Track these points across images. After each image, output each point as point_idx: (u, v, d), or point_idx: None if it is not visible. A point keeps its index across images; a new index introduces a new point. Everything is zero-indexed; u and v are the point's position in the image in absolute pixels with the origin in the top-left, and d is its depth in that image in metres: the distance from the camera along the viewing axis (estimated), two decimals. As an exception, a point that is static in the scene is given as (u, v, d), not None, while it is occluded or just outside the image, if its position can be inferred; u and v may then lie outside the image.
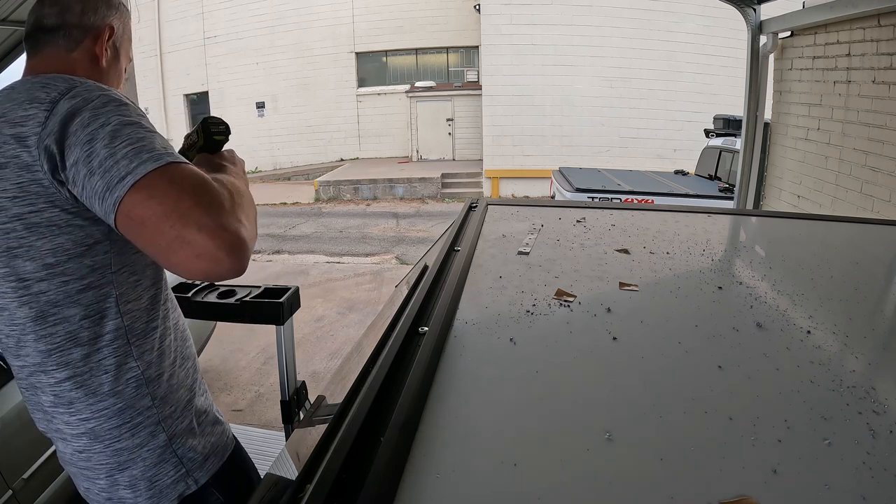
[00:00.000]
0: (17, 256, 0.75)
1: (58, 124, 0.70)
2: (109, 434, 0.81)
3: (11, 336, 0.80)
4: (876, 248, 1.28)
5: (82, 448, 0.83)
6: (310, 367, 4.01)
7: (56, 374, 0.79)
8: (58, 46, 0.84)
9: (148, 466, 0.83)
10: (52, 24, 0.84)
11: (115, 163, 0.67)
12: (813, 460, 0.53)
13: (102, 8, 0.88)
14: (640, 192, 6.26)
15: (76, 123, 0.70)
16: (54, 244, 0.74)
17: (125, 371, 0.81)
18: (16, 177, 0.72)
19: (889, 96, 2.73)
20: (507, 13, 11.75)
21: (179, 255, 0.66)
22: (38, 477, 1.95)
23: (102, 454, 0.82)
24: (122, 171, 0.67)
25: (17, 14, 2.23)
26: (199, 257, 0.65)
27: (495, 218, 1.44)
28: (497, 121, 12.19)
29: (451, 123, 14.33)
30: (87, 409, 0.80)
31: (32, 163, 0.71)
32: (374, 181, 12.56)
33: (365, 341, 1.08)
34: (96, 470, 0.83)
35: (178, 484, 0.86)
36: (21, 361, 0.81)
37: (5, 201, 0.73)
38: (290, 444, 0.97)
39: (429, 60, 15.23)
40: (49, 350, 0.78)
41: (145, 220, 0.66)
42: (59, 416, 0.82)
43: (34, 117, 0.71)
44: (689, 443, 0.56)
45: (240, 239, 0.68)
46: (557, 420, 0.60)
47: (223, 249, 0.66)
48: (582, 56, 11.64)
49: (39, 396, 0.83)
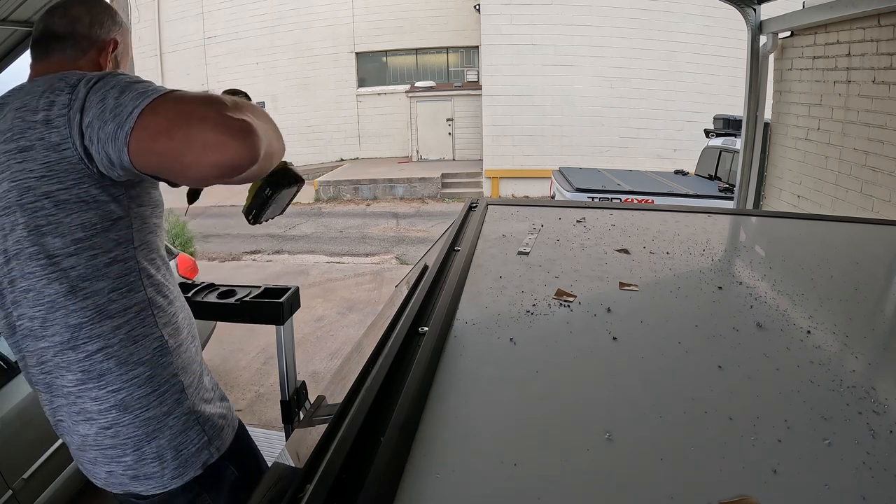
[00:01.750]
0: (46, 234, 0.78)
1: (80, 101, 0.75)
2: (139, 403, 0.85)
3: (36, 317, 0.82)
4: (876, 248, 1.28)
5: (110, 423, 0.85)
6: (310, 367, 4.01)
7: (87, 346, 0.82)
8: (65, 54, 0.90)
9: (174, 434, 0.88)
10: (63, 32, 0.90)
11: (123, 106, 0.72)
12: (813, 460, 0.53)
13: (108, 23, 0.94)
14: (640, 192, 6.25)
15: (92, 95, 0.75)
16: (83, 219, 0.79)
17: (152, 340, 0.86)
18: (42, 157, 0.76)
19: (889, 96, 2.73)
20: (507, 13, 11.74)
21: (190, 155, 0.69)
22: (38, 477, 1.95)
23: (131, 425, 0.85)
24: (129, 107, 0.71)
25: (17, 14, 2.23)
26: (206, 148, 0.68)
27: (495, 218, 1.44)
28: (497, 121, 12.19)
29: (451, 123, 14.32)
30: (118, 379, 0.84)
31: (61, 142, 0.76)
32: (374, 181, 12.56)
33: (365, 341, 1.08)
34: (123, 446, 0.86)
35: (201, 452, 0.90)
36: (45, 342, 0.83)
37: (33, 181, 0.77)
38: (290, 444, 0.97)
39: (429, 60, 15.23)
40: (80, 324, 0.81)
41: (156, 133, 0.70)
42: (87, 394, 0.84)
43: (58, 102, 0.76)
44: (689, 443, 0.56)
45: (245, 123, 0.69)
46: (557, 420, 0.60)
47: (228, 134, 0.68)
48: (582, 56, 11.64)
49: (64, 378, 0.84)
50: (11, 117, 0.79)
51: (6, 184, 0.78)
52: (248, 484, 0.96)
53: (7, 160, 0.78)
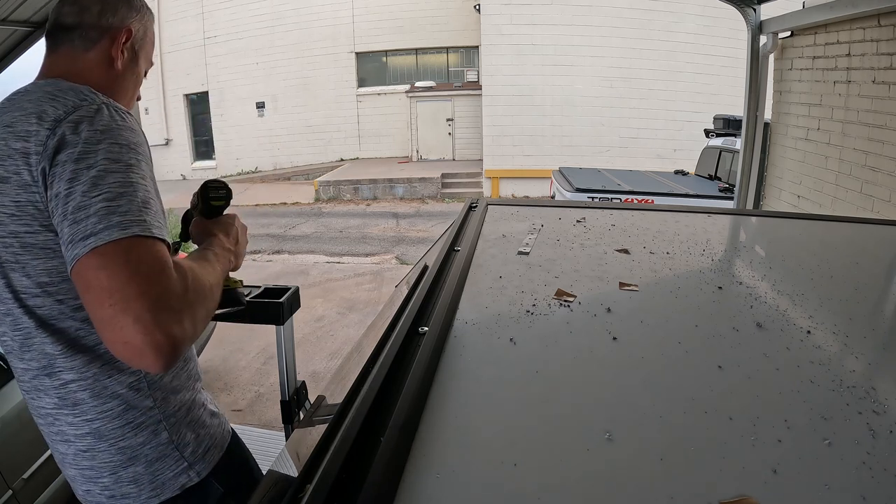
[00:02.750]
0: (13, 270, 0.76)
1: (52, 149, 0.70)
2: (113, 433, 0.82)
3: (16, 339, 0.80)
4: (876, 248, 1.28)
5: (86, 448, 0.83)
6: (310, 367, 4.01)
7: (63, 375, 0.80)
8: (74, 46, 0.84)
9: (150, 462, 0.85)
10: (70, 22, 0.84)
11: (85, 216, 0.67)
12: (813, 460, 0.53)
13: (123, 9, 0.87)
14: (640, 192, 6.26)
15: (65, 153, 0.70)
16: (48, 266, 0.75)
17: (127, 376, 0.82)
18: (15, 194, 0.73)
19: (889, 96, 2.73)
20: (507, 13, 11.75)
21: (108, 334, 0.65)
22: (38, 477, 1.95)
23: (107, 452, 0.83)
24: (87, 229, 0.66)
25: (17, 14, 2.23)
26: (125, 345, 0.65)
27: (495, 218, 1.44)
28: (497, 121, 12.19)
29: (451, 123, 14.33)
30: (92, 409, 0.81)
31: (32, 183, 0.72)
32: (374, 181, 12.56)
33: (365, 341, 1.08)
34: (101, 468, 0.84)
35: (179, 477, 0.87)
36: (25, 364, 0.81)
37: (4, 217, 0.74)
38: (290, 444, 0.97)
39: (429, 60, 15.23)
40: (56, 353, 0.79)
41: (91, 287, 0.66)
42: (63, 418, 0.82)
43: (37, 134, 0.72)
44: (689, 443, 0.56)
45: (172, 344, 0.66)
46: (557, 420, 0.60)
47: (150, 347, 0.64)
48: (582, 56, 11.64)
49: (42, 399, 0.83)
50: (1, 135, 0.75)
51: None
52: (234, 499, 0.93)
53: None
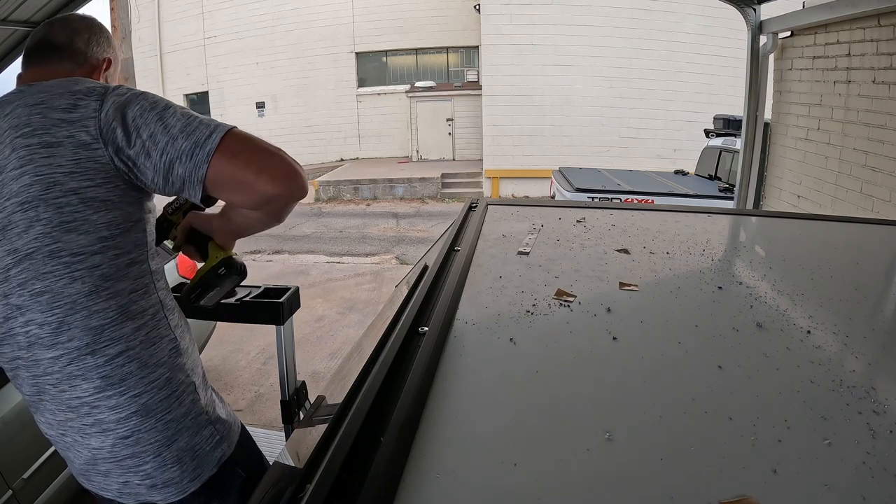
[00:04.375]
0: (71, 231, 0.78)
1: (117, 111, 0.79)
2: (160, 406, 0.85)
3: (49, 322, 0.79)
4: (876, 248, 1.28)
5: (130, 431, 0.83)
6: (310, 367, 4.01)
7: (109, 349, 0.81)
8: (62, 65, 0.92)
9: (192, 435, 0.88)
10: (62, 42, 0.93)
11: (196, 126, 0.79)
12: (813, 460, 0.53)
13: (104, 43, 0.99)
14: (640, 192, 6.25)
15: (137, 108, 0.80)
16: (108, 218, 0.80)
17: (167, 342, 0.88)
18: (72, 154, 0.78)
19: (889, 96, 2.73)
20: (507, 13, 11.74)
21: (266, 175, 0.78)
22: (38, 477, 1.95)
23: (153, 430, 0.85)
24: (205, 130, 0.79)
25: (17, 14, 2.22)
26: (284, 173, 0.80)
27: (495, 218, 1.44)
28: (497, 121, 12.18)
29: (451, 123, 14.32)
30: (140, 382, 0.83)
31: (91, 141, 0.78)
32: (374, 181, 12.55)
33: (365, 341, 1.08)
34: (143, 454, 0.85)
35: (215, 450, 0.91)
36: (58, 350, 0.80)
37: (61, 176, 0.77)
38: (290, 444, 0.97)
39: (429, 60, 15.22)
40: (102, 325, 0.80)
41: (238, 155, 0.79)
42: (105, 402, 0.82)
43: (85, 105, 0.79)
44: (689, 443, 0.56)
45: (298, 167, 0.83)
46: (557, 420, 0.60)
47: (300, 174, 0.82)
48: (582, 56, 11.63)
49: (78, 388, 0.81)
50: (26, 113, 0.79)
51: (28, 178, 0.77)
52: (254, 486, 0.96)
53: (29, 154, 0.77)
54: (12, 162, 0.78)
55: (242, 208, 0.88)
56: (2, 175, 0.78)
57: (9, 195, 0.78)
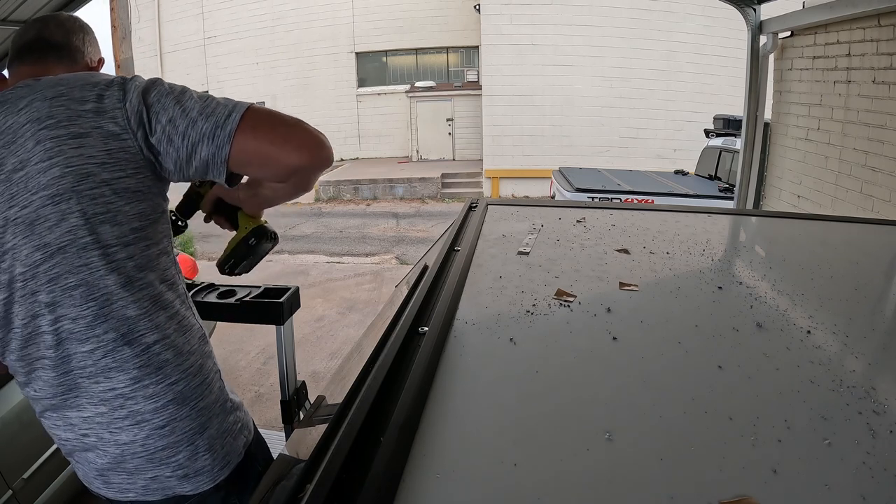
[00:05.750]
0: (104, 222, 0.78)
1: (139, 98, 0.79)
2: (195, 393, 0.86)
3: (83, 316, 0.78)
4: (876, 248, 1.28)
5: (166, 420, 0.83)
6: (310, 367, 4.01)
7: (146, 338, 0.82)
8: (61, 62, 0.92)
9: (221, 421, 0.90)
10: (59, 41, 0.92)
11: (214, 107, 0.79)
12: (813, 460, 0.53)
13: (95, 43, 1.00)
14: (640, 192, 6.25)
15: (154, 94, 0.80)
16: (139, 209, 0.81)
17: (195, 330, 0.90)
18: (102, 145, 0.77)
19: (889, 96, 2.73)
20: (507, 13, 11.74)
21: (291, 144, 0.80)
22: (38, 477, 1.95)
23: (188, 418, 0.85)
24: (225, 110, 0.79)
25: (17, 14, 2.22)
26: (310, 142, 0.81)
27: (495, 218, 1.44)
28: (497, 121, 12.18)
29: (451, 123, 14.32)
30: (176, 370, 0.84)
31: (120, 132, 0.78)
32: (374, 181, 12.56)
33: (365, 341, 1.08)
34: (177, 444, 0.85)
35: (239, 436, 0.93)
36: (92, 344, 0.79)
37: (93, 167, 0.77)
38: (290, 444, 0.98)
39: (429, 60, 15.22)
40: (139, 315, 0.81)
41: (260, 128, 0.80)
42: (142, 391, 0.82)
43: (109, 95, 0.79)
44: (689, 443, 0.56)
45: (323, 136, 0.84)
46: (557, 420, 0.60)
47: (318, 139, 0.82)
48: (582, 56, 11.63)
49: (114, 379, 0.80)
50: (46, 106, 0.76)
51: (58, 169, 0.75)
52: None
53: (57, 146, 0.75)
54: (38, 154, 0.75)
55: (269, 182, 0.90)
56: (25, 169, 0.75)
57: (36, 188, 0.75)
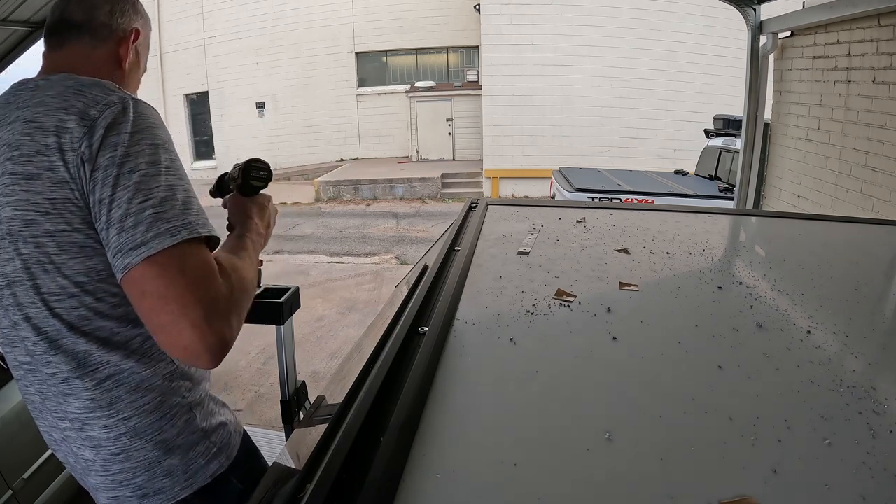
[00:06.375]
0: (46, 272, 0.74)
1: (95, 149, 0.70)
2: (150, 428, 0.81)
3: (39, 344, 0.77)
4: (876, 248, 1.28)
5: (121, 449, 0.81)
6: (310, 367, 4.01)
7: (98, 373, 0.78)
8: (83, 43, 0.84)
9: (185, 451, 0.85)
10: (80, 19, 0.84)
11: (134, 224, 0.69)
12: (813, 460, 0.53)
13: (129, 12, 0.89)
14: (640, 192, 6.25)
15: (106, 157, 0.70)
16: (87, 265, 0.74)
17: (163, 366, 0.82)
18: (49, 192, 0.71)
19: (889, 96, 2.73)
20: (507, 13, 11.74)
21: (165, 338, 0.69)
22: (38, 477, 1.95)
23: (143, 450, 0.82)
24: (137, 238, 0.68)
25: (17, 14, 2.22)
26: (184, 349, 0.69)
27: (495, 218, 1.44)
28: (497, 121, 12.18)
29: (451, 123, 14.32)
30: (129, 406, 0.80)
31: (70, 180, 0.71)
32: (374, 181, 12.56)
33: (365, 341, 1.08)
34: (134, 469, 0.82)
35: (211, 463, 0.87)
36: (51, 368, 0.78)
37: (38, 215, 0.72)
38: (290, 444, 0.97)
39: (429, 60, 15.22)
40: (89, 350, 0.77)
41: (148, 294, 0.68)
42: (95, 422, 0.80)
43: (72, 132, 0.71)
44: (689, 443, 0.56)
45: (224, 344, 0.70)
46: (557, 420, 0.60)
47: (206, 350, 0.69)
48: (582, 56, 11.63)
49: (71, 404, 0.79)
50: (20, 130, 0.73)
51: (10, 209, 0.73)
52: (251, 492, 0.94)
53: (13, 183, 0.72)
54: (1, 188, 0.73)
55: None
56: None
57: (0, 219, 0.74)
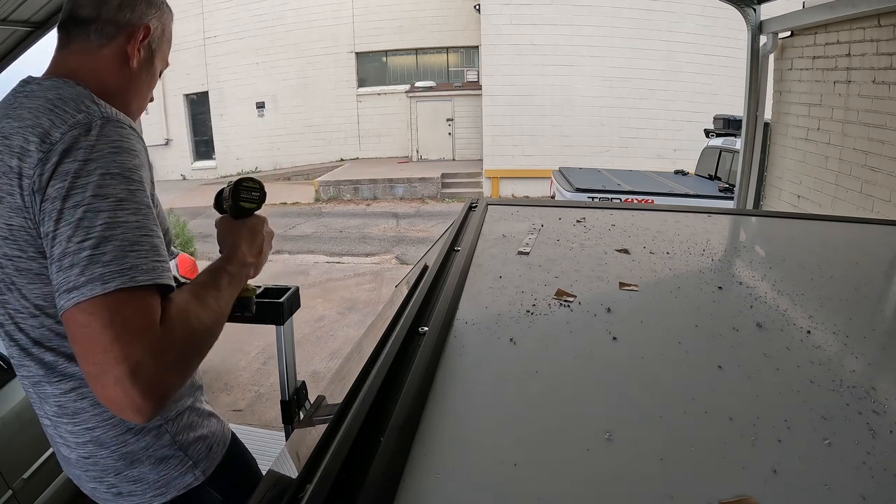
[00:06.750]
0: (10, 290, 0.75)
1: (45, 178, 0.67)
2: (115, 441, 0.82)
3: (13, 350, 0.80)
4: (876, 248, 1.28)
5: (88, 454, 0.83)
6: (310, 367, 4.01)
7: (62, 384, 0.79)
8: (88, 41, 0.81)
9: (155, 463, 0.84)
10: (87, 15, 0.81)
11: (70, 265, 0.64)
12: (813, 460, 0.53)
13: (142, 6, 0.84)
14: (640, 192, 6.26)
15: (54, 187, 0.67)
16: (44, 291, 0.73)
17: None
18: (7, 216, 0.71)
19: (889, 96, 2.73)
20: (507, 13, 11.75)
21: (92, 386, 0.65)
22: (38, 477, 1.95)
23: (109, 458, 0.82)
24: (70, 280, 0.64)
25: (17, 14, 2.22)
26: (109, 401, 0.64)
27: (495, 218, 1.44)
28: (497, 121, 12.19)
29: (451, 123, 14.32)
30: (94, 418, 0.80)
31: (24, 208, 0.69)
32: (374, 181, 12.56)
33: (365, 341, 1.08)
34: (104, 471, 0.84)
35: (185, 476, 0.87)
36: (26, 371, 0.81)
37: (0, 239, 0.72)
38: (290, 444, 0.97)
39: (429, 60, 15.22)
40: (55, 362, 0.78)
41: (77, 341, 0.65)
42: (63, 426, 0.82)
43: (31, 156, 0.69)
44: (689, 443, 0.56)
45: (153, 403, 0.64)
46: (557, 420, 0.60)
47: (130, 408, 0.64)
48: (582, 56, 11.64)
49: (44, 406, 0.82)
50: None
51: None
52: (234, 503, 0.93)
53: None
54: None
55: None
56: None
57: None
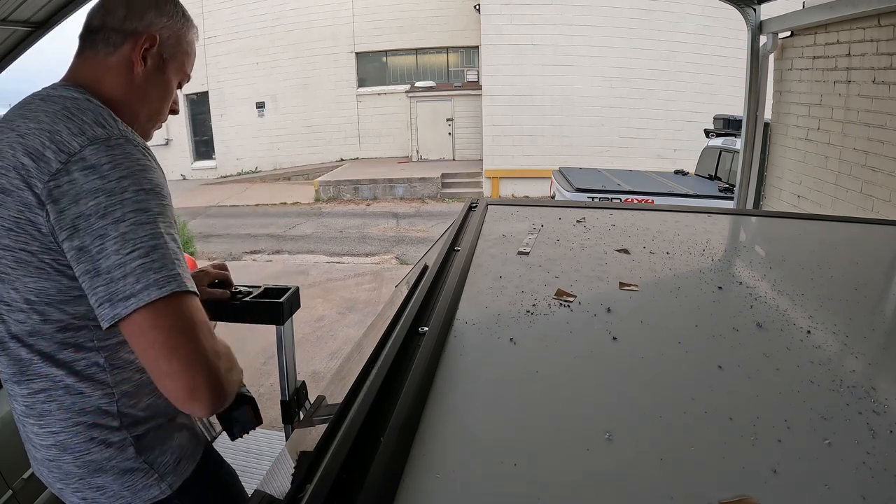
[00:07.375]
0: (3, 281, 0.76)
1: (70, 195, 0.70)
2: (79, 447, 0.81)
3: None
4: (876, 248, 1.28)
5: (52, 457, 0.82)
6: (310, 367, 4.01)
7: (33, 384, 0.79)
8: (97, 50, 0.83)
9: (119, 474, 0.82)
10: (96, 25, 0.83)
11: (122, 276, 0.68)
12: (813, 460, 0.53)
13: (150, 14, 0.84)
14: (640, 192, 6.26)
15: (90, 205, 0.69)
16: (38, 286, 0.74)
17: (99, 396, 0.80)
18: (15, 210, 0.72)
19: (889, 96, 2.73)
20: (507, 13, 11.74)
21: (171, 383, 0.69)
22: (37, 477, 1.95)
23: (72, 464, 0.82)
24: (127, 289, 0.68)
25: (17, 14, 2.22)
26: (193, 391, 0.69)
27: (495, 218, 1.44)
28: (497, 121, 12.19)
29: (451, 123, 14.32)
30: (59, 423, 0.80)
31: (36, 205, 0.71)
32: (374, 181, 12.56)
33: (365, 341, 1.08)
34: (68, 476, 0.83)
35: (151, 489, 0.84)
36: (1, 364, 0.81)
37: (2, 230, 0.73)
38: (290, 444, 0.97)
39: (429, 60, 15.22)
40: (30, 360, 0.78)
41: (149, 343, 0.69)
42: (30, 427, 0.82)
43: (48, 162, 0.71)
44: (689, 443, 0.56)
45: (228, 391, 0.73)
46: (557, 420, 0.60)
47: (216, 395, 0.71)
48: (582, 56, 11.64)
49: (13, 404, 0.83)
50: (10, 141, 0.74)
51: None
52: None
53: None
54: None
55: None
56: None
57: None
